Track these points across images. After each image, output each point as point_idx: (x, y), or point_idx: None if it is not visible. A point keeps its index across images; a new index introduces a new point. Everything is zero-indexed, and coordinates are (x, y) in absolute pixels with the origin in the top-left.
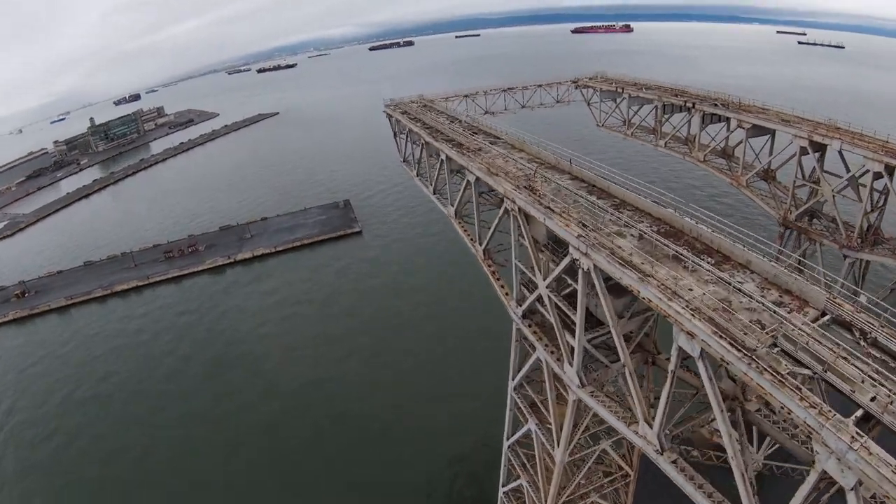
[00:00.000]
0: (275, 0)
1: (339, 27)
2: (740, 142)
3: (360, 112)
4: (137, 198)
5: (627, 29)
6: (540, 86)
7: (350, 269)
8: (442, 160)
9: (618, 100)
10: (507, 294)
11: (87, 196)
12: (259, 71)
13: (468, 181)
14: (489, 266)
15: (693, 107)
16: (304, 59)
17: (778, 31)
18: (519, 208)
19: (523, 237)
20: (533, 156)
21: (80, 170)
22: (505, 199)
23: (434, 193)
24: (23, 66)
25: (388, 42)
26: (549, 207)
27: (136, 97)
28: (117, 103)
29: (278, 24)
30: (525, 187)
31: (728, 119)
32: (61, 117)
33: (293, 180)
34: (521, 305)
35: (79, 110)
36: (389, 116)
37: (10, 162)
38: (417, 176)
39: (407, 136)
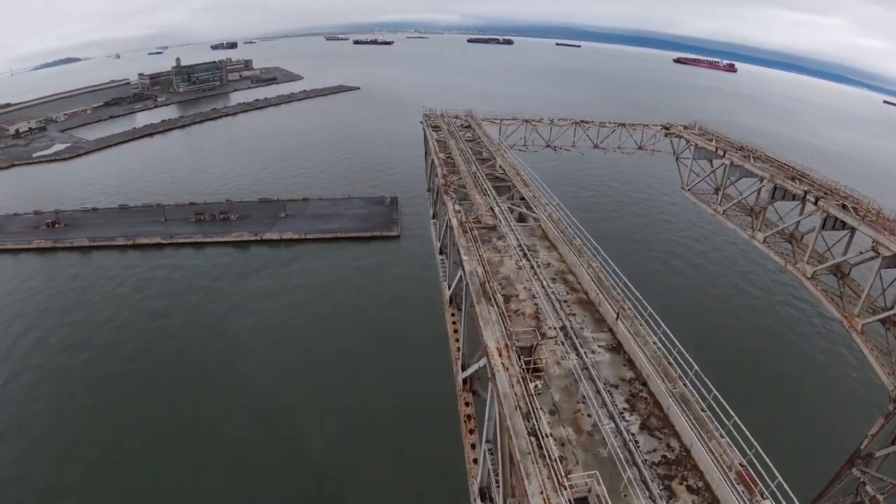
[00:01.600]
0: None
1: (445, 13)
2: (813, 229)
3: (441, 104)
4: (194, 147)
5: (731, 68)
6: (622, 125)
7: (377, 275)
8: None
9: (714, 162)
10: None
11: (150, 135)
12: (355, 42)
13: (463, 274)
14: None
15: (815, 202)
16: (401, 39)
17: (885, 101)
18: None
19: None
20: (569, 267)
21: (156, 106)
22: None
23: (440, 253)
24: None
25: (486, 37)
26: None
27: (232, 45)
28: (214, 48)
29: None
30: (520, 368)
31: (853, 229)
32: (159, 51)
33: (349, 163)
34: None
35: (177, 47)
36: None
37: (93, 85)
38: (433, 218)
39: (430, 163)
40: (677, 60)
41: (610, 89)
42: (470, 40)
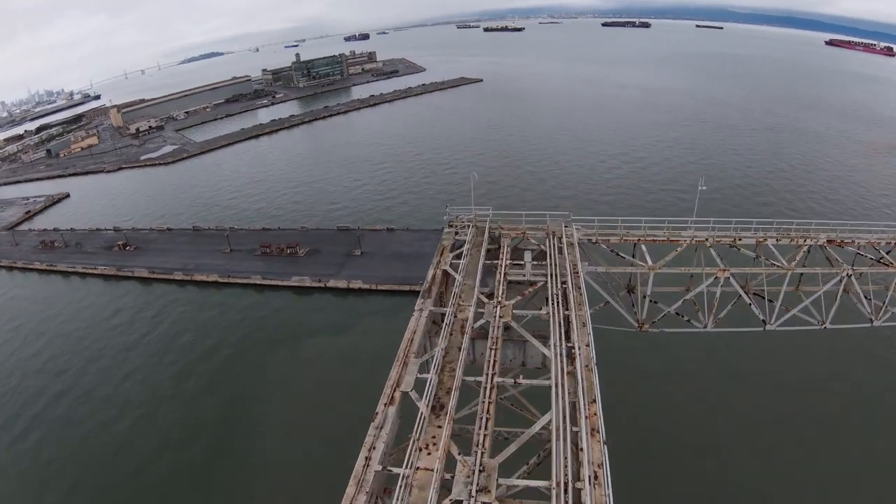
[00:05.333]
0: None
1: None
2: None
3: (572, 99)
4: (288, 155)
5: (889, 52)
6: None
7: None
8: None
9: None
10: None
11: (257, 136)
12: (485, 30)
13: None
14: None
15: None
16: (533, 25)
17: None
18: None
19: None
20: None
21: (273, 104)
22: None
23: None
24: None
25: (622, 20)
26: None
27: (365, 36)
28: (347, 39)
29: None
30: None
31: None
32: (295, 44)
33: (447, 174)
34: None
35: (314, 40)
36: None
37: (216, 83)
38: None
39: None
40: (829, 42)
41: (763, 79)
42: (604, 24)
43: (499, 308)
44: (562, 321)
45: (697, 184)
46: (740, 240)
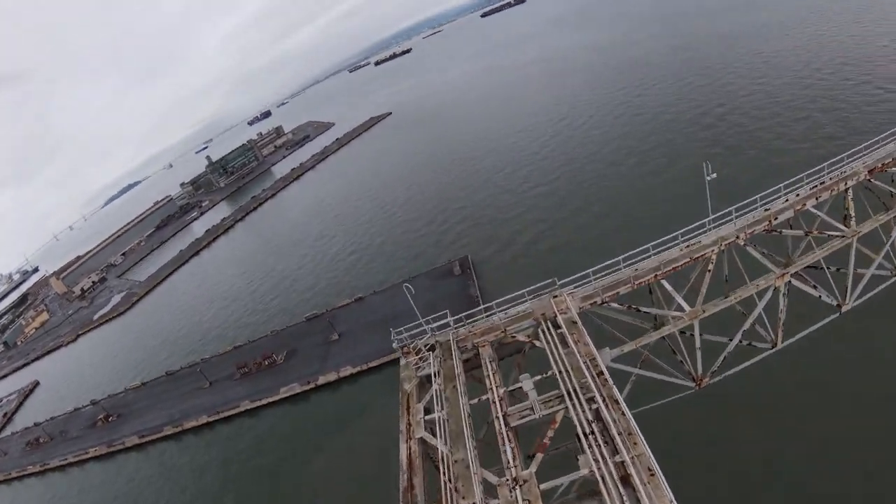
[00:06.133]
0: None
1: None
2: None
3: (474, 99)
4: (236, 256)
5: None
6: None
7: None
8: None
9: None
10: None
11: (197, 253)
12: (377, 64)
13: None
14: None
15: None
16: (419, 42)
17: None
18: None
19: None
20: None
21: (202, 213)
22: None
23: None
24: (165, 102)
25: (498, 5)
26: None
27: (266, 114)
28: (251, 123)
29: (393, 8)
30: None
31: None
32: (204, 145)
33: (396, 220)
34: None
35: (220, 135)
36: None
37: (141, 214)
38: None
39: None
40: None
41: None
42: (483, 15)
43: (519, 491)
44: (617, 478)
45: (667, 156)
46: (776, 218)
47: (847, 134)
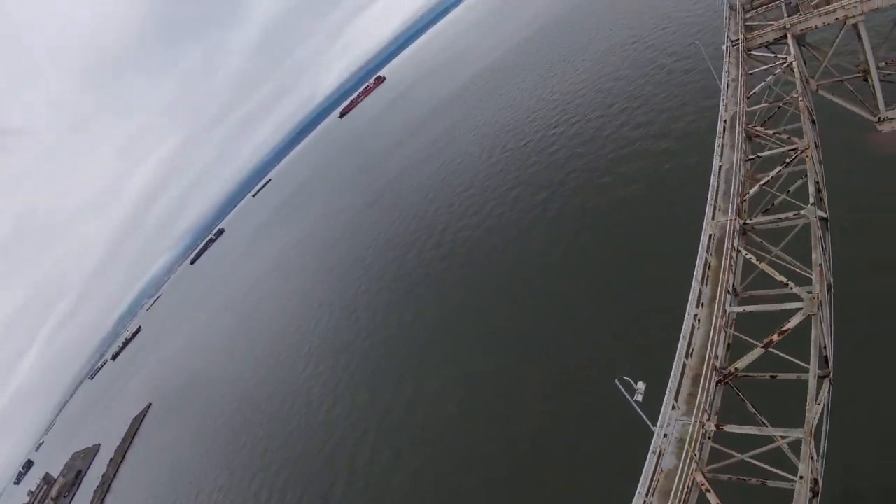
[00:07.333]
0: None
1: (155, 257)
2: None
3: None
4: None
5: None
6: None
7: None
8: None
9: None
10: None
11: None
12: (114, 357)
13: None
14: None
15: None
16: (144, 316)
17: None
18: None
19: None
20: None
21: None
22: None
23: None
24: None
25: (203, 243)
26: None
27: (29, 464)
28: (17, 482)
29: (108, 297)
30: None
31: None
32: None
33: None
34: None
35: None
36: None
37: None
38: None
39: None
40: None
41: None
42: (192, 262)
43: None
44: None
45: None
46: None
47: None
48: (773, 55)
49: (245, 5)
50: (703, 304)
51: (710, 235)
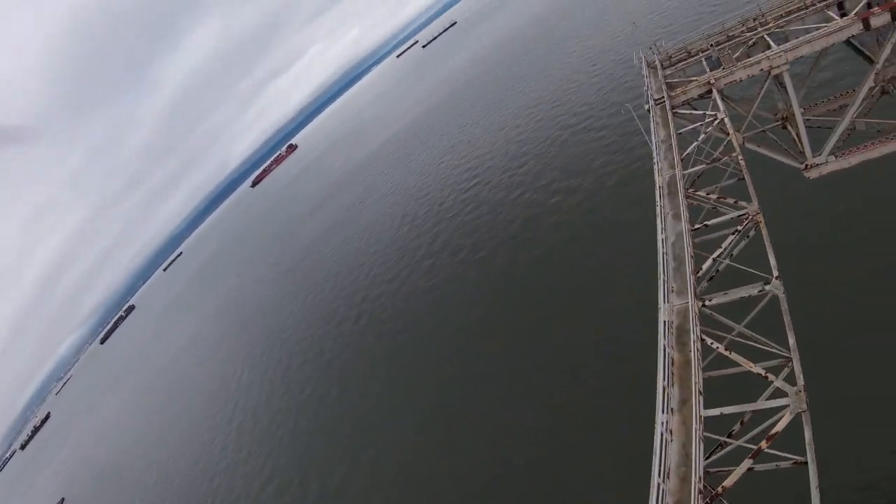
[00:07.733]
0: None
1: (63, 337)
2: None
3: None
4: None
5: None
6: None
7: None
8: None
9: None
10: None
11: None
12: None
13: None
14: None
15: None
16: (53, 402)
17: None
18: None
19: None
20: None
21: None
22: None
23: None
24: None
25: (113, 321)
26: None
27: None
28: None
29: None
30: None
31: None
32: None
33: None
34: None
35: None
36: None
37: None
38: None
39: None
40: None
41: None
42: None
43: None
44: None
45: None
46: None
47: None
48: (700, 112)
49: (155, 73)
50: (671, 409)
51: (665, 322)
